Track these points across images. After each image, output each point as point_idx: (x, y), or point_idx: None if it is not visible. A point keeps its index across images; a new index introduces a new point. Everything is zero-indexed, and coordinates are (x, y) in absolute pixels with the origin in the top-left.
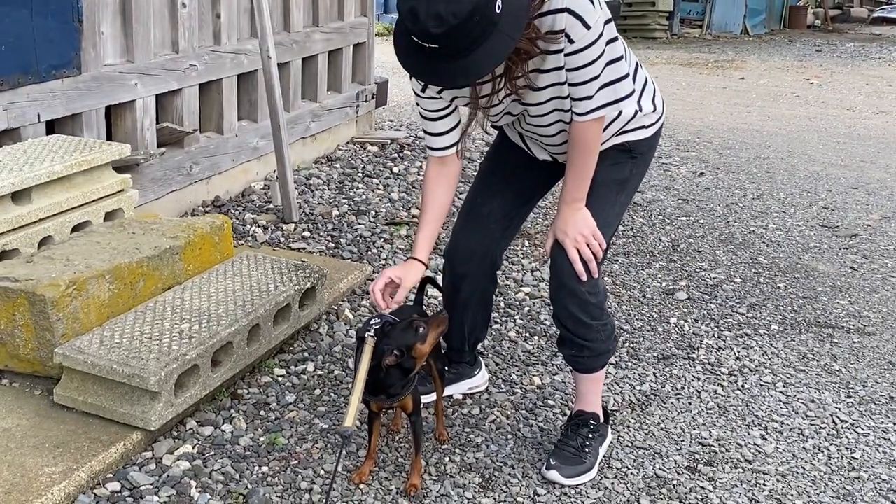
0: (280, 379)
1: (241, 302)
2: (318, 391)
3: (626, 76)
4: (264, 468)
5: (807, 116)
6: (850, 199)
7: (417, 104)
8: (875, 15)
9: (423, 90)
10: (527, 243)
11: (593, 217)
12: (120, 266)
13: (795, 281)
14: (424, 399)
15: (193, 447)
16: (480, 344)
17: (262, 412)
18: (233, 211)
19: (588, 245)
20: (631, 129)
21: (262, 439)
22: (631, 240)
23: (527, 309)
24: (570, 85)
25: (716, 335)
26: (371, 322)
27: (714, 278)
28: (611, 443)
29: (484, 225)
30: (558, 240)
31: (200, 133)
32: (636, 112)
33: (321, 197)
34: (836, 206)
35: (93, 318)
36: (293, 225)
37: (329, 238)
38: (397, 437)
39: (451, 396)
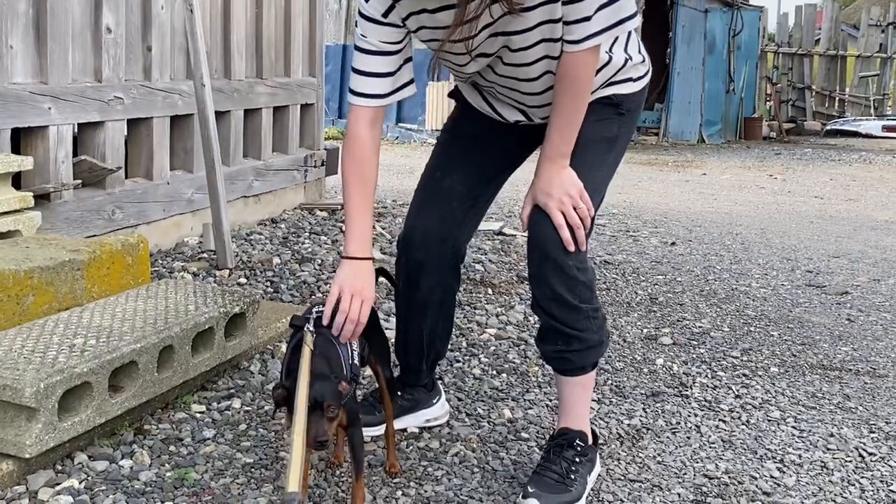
0: (198, 415)
1: (152, 320)
2: (243, 426)
3: None
4: None
5: (775, 203)
6: (833, 266)
7: (364, 36)
8: (829, 128)
9: (386, 14)
10: (490, 291)
11: (580, 179)
12: (3, 273)
13: (790, 330)
14: (372, 431)
15: (80, 482)
16: (439, 366)
17: (171, 447)
18: (160, 261)
19: (576, 209)
20: (619, 80)
21: (168, 475)
22: (604, 292)
23: (492, 348)
24: (563, 3)
25: (709, 375)
26: (313, 311)
27: (700, 327)
28: (599, 475)
29: (445, 202)
30: (539, 203)
31: (127, 177)
32: (626, 60)
33: (262, 248)
34: (819, 271)
35: None
36: (227, 271)
37: (268, 283)
38: (338, 472)
39: (404, 430)
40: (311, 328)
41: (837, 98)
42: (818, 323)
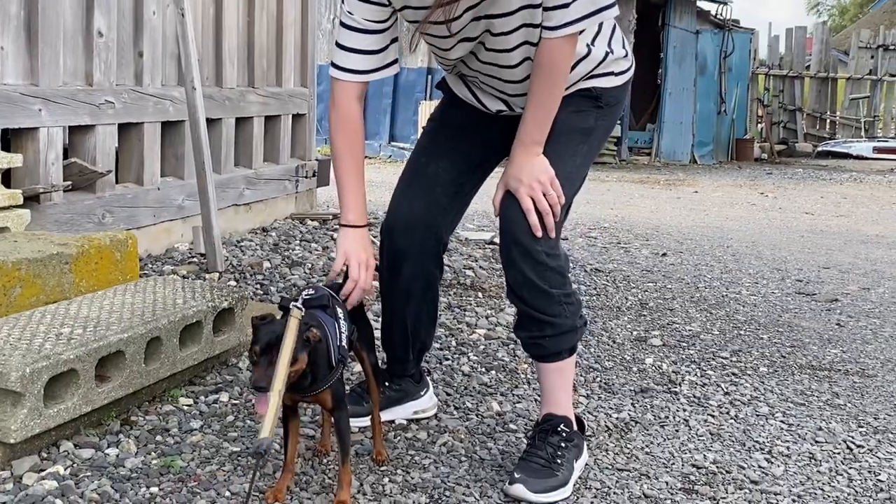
0: (185, 407)
1: (139, 312)
2: (230, 417)
3: None
4: (153, 489)
5: (766, 218)
6: (823, 276)
7: (350, 13)
8: (820, 149)
9: None
10: (480, 295)
11: (552, 167)
12: None
13: (779, 333)
14: (359, 422)
15: (66, 468)
16: (425, 357)
17: (158, 437)
18: (150, 266)
19: (545, 196)
20: (599, 73)
21: (154, 462)
22: (595, 297)
23: (482, 347)
24: None
25: (698, 374)
26: (303, 292)
27: (689, 330)
28: (586, 465)
29: (430, 188)
30: (510, 189)
31: (117, 182)
32: (607, 54)
33: (252, 254)
34: (810, 280)
35: None
36: (217, 274)
37: (258, 286)
38: (325, 460)
39: (392, 421)
40: (300, 306)
41: (828, 120)
42: (808, 327)
